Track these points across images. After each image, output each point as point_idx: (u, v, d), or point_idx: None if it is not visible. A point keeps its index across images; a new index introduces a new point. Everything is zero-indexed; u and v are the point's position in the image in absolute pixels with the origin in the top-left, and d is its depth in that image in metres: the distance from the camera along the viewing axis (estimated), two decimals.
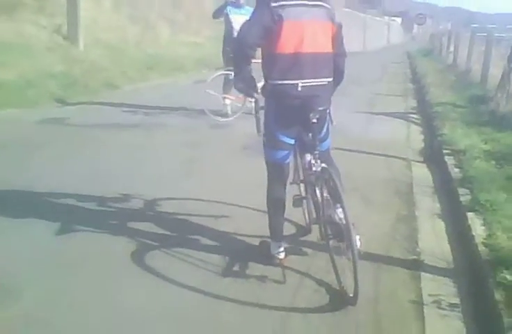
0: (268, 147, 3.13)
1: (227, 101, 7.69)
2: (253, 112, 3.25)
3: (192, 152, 5.78)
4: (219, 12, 7.74)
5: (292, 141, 3.10)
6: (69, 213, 3.89)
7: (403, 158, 5.84)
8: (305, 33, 2.90)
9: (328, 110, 3.09)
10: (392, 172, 5.31)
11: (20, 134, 6.35)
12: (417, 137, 7.16)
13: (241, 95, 7.33)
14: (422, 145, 6.70)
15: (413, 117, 8.59)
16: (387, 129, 7.43)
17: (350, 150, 5.85)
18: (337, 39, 3.09)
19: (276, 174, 3.17)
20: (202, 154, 5.75)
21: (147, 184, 4.58)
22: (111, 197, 4.18)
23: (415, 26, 57.19)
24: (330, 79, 3.05)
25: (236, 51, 3.01)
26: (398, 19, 65.12)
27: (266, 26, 2.86)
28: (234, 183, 4.67)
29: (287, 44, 2.89)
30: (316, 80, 2.96)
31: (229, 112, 7.64)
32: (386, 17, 56.67)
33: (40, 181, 4.51)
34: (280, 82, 2.94)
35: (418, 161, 5.84)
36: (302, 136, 3.08)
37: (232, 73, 7.18)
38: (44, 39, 11.21)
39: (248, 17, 2.99)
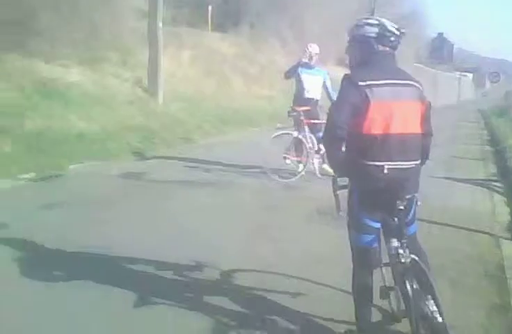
0: (354, 230, 2.95)
1: (288, 161, 7.76)
2: (332, 189, 3.04)
3: (266, 216, 5.65)
4: (291, 72, 7.83)
5: (378, 225, 2.89)
6: (145, 282, 3.81)
7: (490, 234, 5.47)
8: (394, 114, 2.75)
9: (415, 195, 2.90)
10: (480, 250, 4.94)
11: (98, 189, 6.49)
12: (502, 209, 6.70)
13: (302, 156, 7.59)
14: (509, 218, 6.28)
15: (496, 186, 8.15)
16: (469, 199, 7.08)
17: (430, 221, 5.57)
18: (426, 118, 2.94)
19: (363, 259, 2.95)
20: (277, 218, 5.61)
21: (223, 250, 4.47)
22: (186, 265, 4.08)
23: (487, 82, 56.22)
24: (418, 162, 2.89)
25: (326, 132, 2.86)
26: (470, 75, 64.30)
27: (354, 105, 2.74)
28: (310, 255, 4.48)
29: (375, 125, 2.74)
30: (405, 163, 2.79)
31: (300, 170, 7.62)
32: (457, 73, 56.12)
33: (114, 243, 4.46)
34: (365, 163, 2.77)
35: (506, 238, 5.44)
36: (387, 220, 2.87)
37: (293, 133, 7.43)
38: (126, 91, 11.71)
39: (318, 77, 2.90)
